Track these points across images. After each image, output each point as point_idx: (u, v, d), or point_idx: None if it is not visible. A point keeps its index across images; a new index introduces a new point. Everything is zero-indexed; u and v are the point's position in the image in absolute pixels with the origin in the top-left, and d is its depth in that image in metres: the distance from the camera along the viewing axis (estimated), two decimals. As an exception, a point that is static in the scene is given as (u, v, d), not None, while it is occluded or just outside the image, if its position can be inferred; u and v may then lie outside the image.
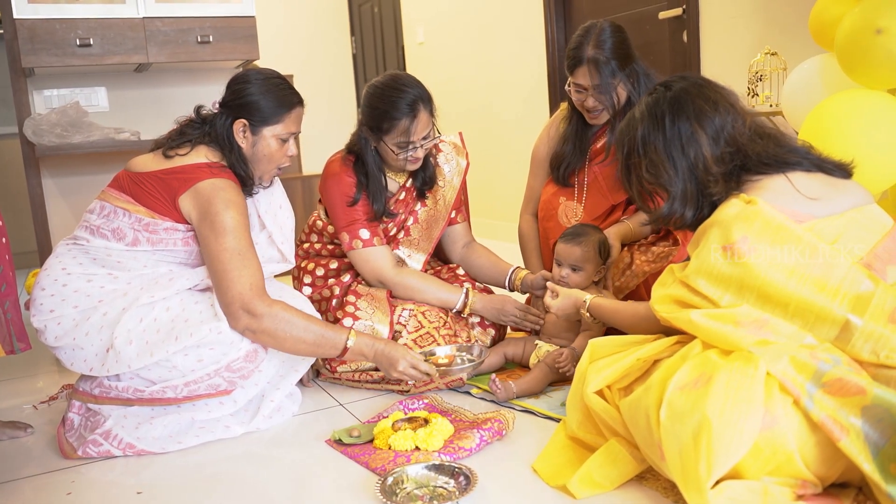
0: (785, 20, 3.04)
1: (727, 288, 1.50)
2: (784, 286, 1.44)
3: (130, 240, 1.95)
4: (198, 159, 2.00)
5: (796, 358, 1.36)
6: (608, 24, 2.33)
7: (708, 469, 1.29)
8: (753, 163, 1.60)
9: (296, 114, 2.08)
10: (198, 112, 2.10)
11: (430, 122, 2.30)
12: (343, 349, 1.97)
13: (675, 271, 1.61)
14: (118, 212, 1.97)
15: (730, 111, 1.63)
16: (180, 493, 1.67)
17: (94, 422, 1.93)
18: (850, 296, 1.42)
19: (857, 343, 1.41)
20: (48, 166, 3.38)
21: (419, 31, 5.80)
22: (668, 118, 1.62)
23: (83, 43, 3.10)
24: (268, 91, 2.03)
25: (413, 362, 1.98)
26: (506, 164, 4.96)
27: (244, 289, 1.88)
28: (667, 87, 1.68)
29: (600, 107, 2.37)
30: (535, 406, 2.00)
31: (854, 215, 1.52)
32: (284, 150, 2.09)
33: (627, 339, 1.72)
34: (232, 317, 1.89)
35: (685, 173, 1.62)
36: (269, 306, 1.89)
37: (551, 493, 1.55)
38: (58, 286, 1.93)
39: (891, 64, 2.07)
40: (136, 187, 1.98)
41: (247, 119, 2.03)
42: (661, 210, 1.66)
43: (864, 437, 1.29)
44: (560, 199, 2.52)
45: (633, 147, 1.68)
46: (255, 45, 3.41)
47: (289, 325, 1.90)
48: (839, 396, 1.32)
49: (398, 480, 1.58)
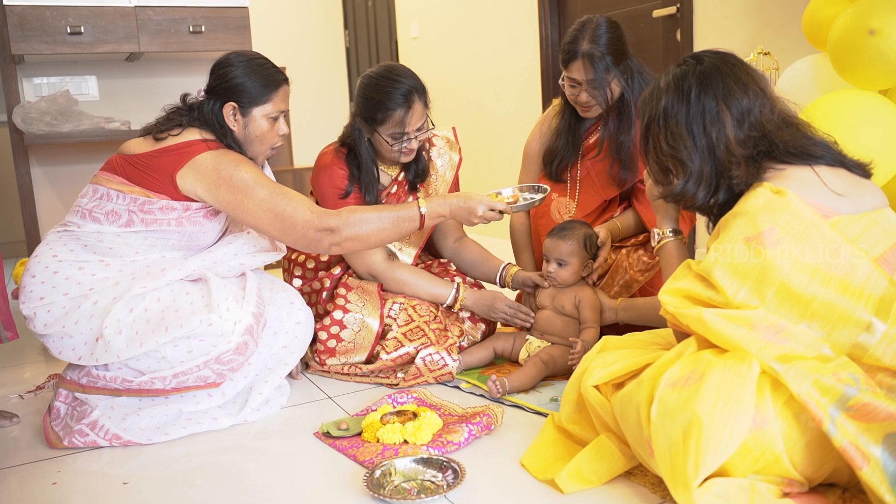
0: (778, 20, 3.05)
1: (745, 280, 1.44)
2: (806, 284, 1.39)
3: (124, 221, 1.94)
4: (191, 137, 1.99)
5: (820, 381, 1.31)
6: (604, 20, 2.33)
7: (696, 467, 1.28)
8: (780, 151, 1.55)
9: (283, 92, 2.09)
10: (184, 100, 2.09)
11: (424, 113, 2.29)
12: (420, 219, 2.03)
13: (692, 265, 1.56)
14: (111, 194, 1.96)
15: (759, 95, 1.58)
16: (167, 485, 1.66)
17: (80, 412, 1.92)
18: (874, 298, 1.38)
19: (879, 348, 1.36)
20: (37, 155, 3.36)
21: (413, 25, 5.79)
22: (694, 93, 1.57)
23: (74, 31, 3.07)
24: (252, 72, 2.03)
25: (489, 204, 2.06)
26: (498, 160, 4.96)
27: (307, 215, 1.93)
28: (698, 60, 1.62)
29: (593, 102, 2.37)
30: (524, 401, 2.00)
31: (874, 217, 1.49)
32: (276, 128, 2.09)
33: (641, 338, 1.71)
34: (313, 243, 1.95)
35: (704, 152, 1.57)
36: (339, 216, 1.95)
37: (539, 487, 1.55)
38: (48, 273, 1.92)
39: (883, 65, 2.08)
40: (130, 168, 1.97)
41: (236, 102, 2.02)
42: (675, 186, 1.62)
43: (883, 467, 1.25)
44: (553, 195, 2.52)
45: (654, 117, 1.63)
46: (248, 36, 3.40)
47: (364, 223, 1.97)
48: (864, 422, 1.28)
49: (386, 473, 1.58)
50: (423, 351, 2.19)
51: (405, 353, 2.22)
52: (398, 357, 2.22)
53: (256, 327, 1.96)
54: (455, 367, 2.19)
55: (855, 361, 1.38)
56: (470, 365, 2.27)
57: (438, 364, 2.17)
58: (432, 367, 2.17)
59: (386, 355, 2.22)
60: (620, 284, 2.38)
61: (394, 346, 2.23)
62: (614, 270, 2.39)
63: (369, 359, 2.28)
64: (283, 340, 2.10)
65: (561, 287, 2.27)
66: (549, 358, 2.13)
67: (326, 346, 2.27)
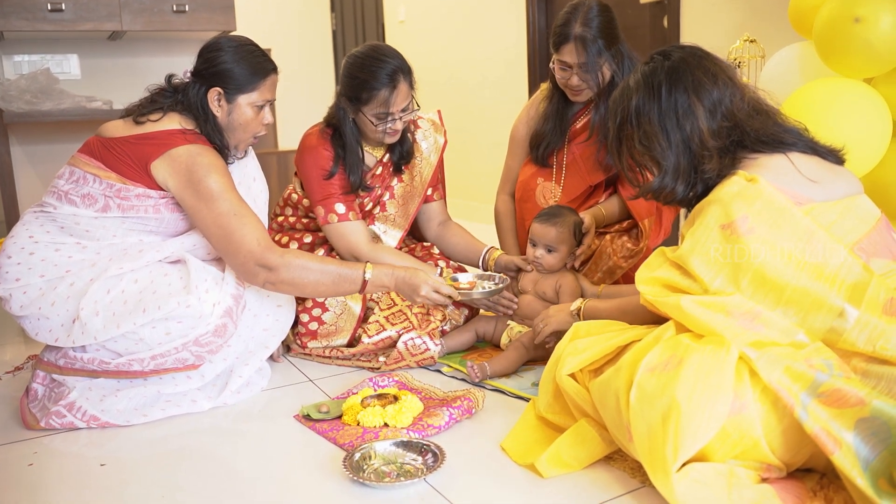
0: (765, 7, 3.05)
1: (721, 269, 1.45)
2: (781, 271, 1.40)
3: (100, 206, 1.92)
4: (171, 125, 1.97)
5: (792, 368, 1.33)
6: (596, 3, 2.31)
7: (675, 452, 1.29)
8: (751, 140, 1.56)
9: (270, 81, 2.06)
10: (169, 80, 2.06)
11: (409, 93, 2.27)
12: (362, 283, 1.99)
13: (667, 253, 1.56)
14: (88, 177, 1.93)
15: (728, 85, 1.58)
16: (145, 466, 1.65)
17: (58, 393, 1.90)
18: (847, 284, 1.38)
19: (853, 333, 1.36)
20: (17, 133, 3.32)
21: (400, 9, 5.75)
22: (664, 88, 1.57)
23: (55, 8, 3.03)
24: (241, 58, 2.01)
25: (435, 286, 2.01)
26: (483, 145, 4.95)
27: (253, 246, 1.90)
28: (665, 56, 1.62)
29: (584, 86, 2.36)
30: (505, 385, 2.00)
31: (848, 203, 1.49)
32: (260, 117, 2.07)
33: (612, 323, 1.70)
34: (248, 274, 1.92)
35: (679, 146, 1.56)
36: (282, 256, 1.92)
37: (519, 471, 1.55)
38: (24, 254, 1.89)
39: (868, 53, 2.08)
40: (106, 153, 1.94)
41: (221, 87, 2.00)
42: (651, 183, 1.62)
43: (855, 452, 1.26)
44: (538, 179, 2.51)
45: (627, 117, 1.62)
46: (232, 16, 3.36)
47: (305, 270, 1.93)
48: (835, 407, 1.29)
49: (365, 456, 1.57)
50: (405, 335, 2.18)
51: (387, 336, 2.21)
52: (380, 341, 2.21)
53: (236, 309, 1.94)
54: (437, 351, 2.18)
55: (830, 347, 1.39)
56: (453, 348, 2.27)
57: (420, 348, 2.17)
58: (414, 351, 2.17)
59: (368, 339, 2.21)
60: (604, 270, 2.38)
61: (375, 329, 2.22)
62: (598, 256, 2.39)
63: (351, 342, 2.27)
64: (265, 323, 2.09)
65: (545, 272, 2.26)
66: (530, 342, 2.12)
67: (308, 329, 2.26)
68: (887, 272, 1.46)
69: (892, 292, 1.38)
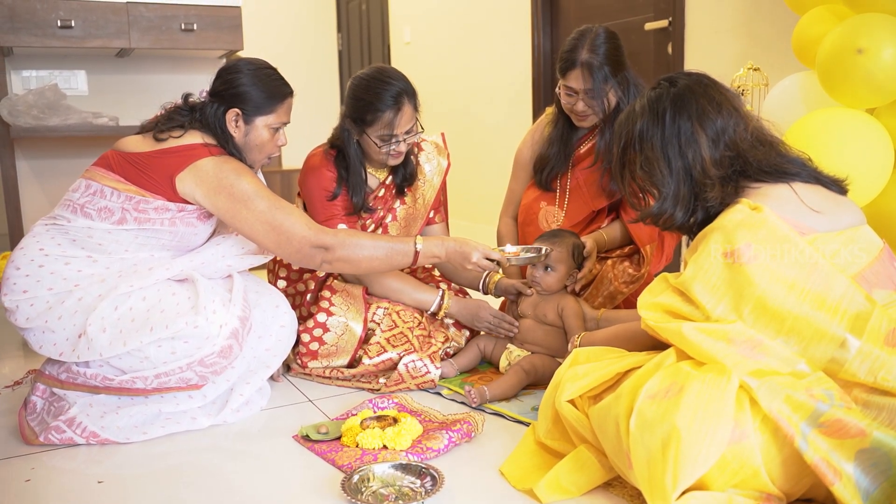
0: (768, 36, 3.07)
1: (723, 296, 1.45)
2: (783, 300, 1.40)
3: (117, 219, 1.92)
4: (193, 140, 1.98)
5: (792, 397, 1.32)
6: (603, 30, 2.33)
7: (674, 479, 1.28)
8: (753, 170, 1.56)
9: (287, 104, 2.09)
10: (185, 100, 2.08)
11: (413, 116, 2.29)
12: (414, 255, 2.05)
13: (669, 279, 1.56)
14: (106, 191, 1.93)
15: (733, 114, 1.59)
16: (143, 484, 1.64)
17: (58, 407, 1.90)
18: (850, 314, 1.38)
19: (854, 364, 1.36)
20: (23, 148, 3.33)
21: (406, 30, 5.79)
22: (668, 115, 1.58)
23: (64, 24, 3.05)
24: (259, 81, 2.03)
25: (486, 252, 2.08)
26: (487, 168, 4.96)
27: (305, 231, 1.95)
28: (671, 82, 1.62)
29: (589, 111, 2.37)
30: (505, 409, 2.00)
31: (851, 234, 1.49)
32: (276, 139, 2.10)
33: (612, 349, 1.70)
34: (306, 259, 1.98)
35: (680, 173, 1.57)
36: (335, 235, 1.98)
37: (518, 496, 1.54)
38: (33, 267, 1.90)
39: (870, 84, 2.09)
40: (128, 167, 1.94)
41: (239, 108, 2.02)
42: (651, 209, 1.62)
43: (855, 483, 1.26)
44: (541, 203, 2.52)
45: (630, 141, 1.63)
46: (240, 36, 3.38)
47: (358, 247, 2.00)
48: (836, 438, 1.29)
49: (364, 478, 1.57)
50: (405, 357, 2.18)
51: (387, 358, 2.21)
52: (380, 363, 2.21)
53: (242, 331, 1.95)
54: (437, 374, 2.18)
55: (831, 377, 1.38)
56: (464, 367, 2.28)
57: (421, 371, 2.17)
58: (415, 373, 2.16)
59: (368, 360, 2.21)
60: (604, 295, 2.38)
61: (376, 351, 2.22)
62: (599, 281, 2.39)
63: (351, 363, 2.26)
64: (267, 343, 2.09)
65: (544, 294, 2.27)
66: (530, 367, 2.12)
67: (308, 349, 2.26)
68: (889, 302, 1.46)
69: (895, 323, 1.38)
